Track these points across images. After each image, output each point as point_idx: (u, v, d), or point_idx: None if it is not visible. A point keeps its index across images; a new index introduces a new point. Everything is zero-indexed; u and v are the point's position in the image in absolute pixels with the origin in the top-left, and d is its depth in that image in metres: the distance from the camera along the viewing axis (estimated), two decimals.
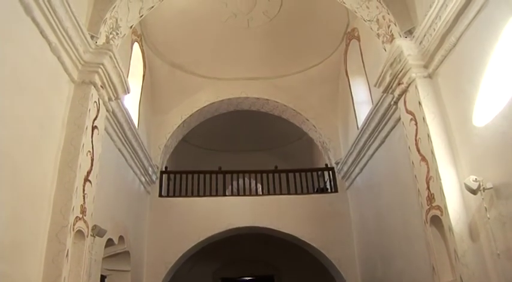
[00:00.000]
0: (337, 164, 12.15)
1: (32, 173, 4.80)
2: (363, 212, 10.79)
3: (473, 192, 4.92)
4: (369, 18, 7.54)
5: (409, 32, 6.70)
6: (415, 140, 6.36)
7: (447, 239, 5.47)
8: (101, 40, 6.55)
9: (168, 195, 12.05)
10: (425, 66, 6.34)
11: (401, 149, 7.40)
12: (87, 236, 5.67)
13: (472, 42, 5.19)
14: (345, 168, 11.56)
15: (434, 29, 5.86)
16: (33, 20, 4.78)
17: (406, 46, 6.44)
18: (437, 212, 5.66)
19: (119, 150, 8.53)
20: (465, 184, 5.00)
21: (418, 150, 6.26)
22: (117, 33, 7.12)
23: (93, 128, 6.11)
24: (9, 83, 4.33)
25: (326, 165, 12.89)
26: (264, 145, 17.40)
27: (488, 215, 4.84)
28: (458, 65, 5.57)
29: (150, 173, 11.02)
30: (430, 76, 6.32)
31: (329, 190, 12.58)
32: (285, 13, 10.80)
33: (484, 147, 5.02)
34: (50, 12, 5.01)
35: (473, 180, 4.88)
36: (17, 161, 4.46)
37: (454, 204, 5.43)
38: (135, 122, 9.76)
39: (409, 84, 6.49)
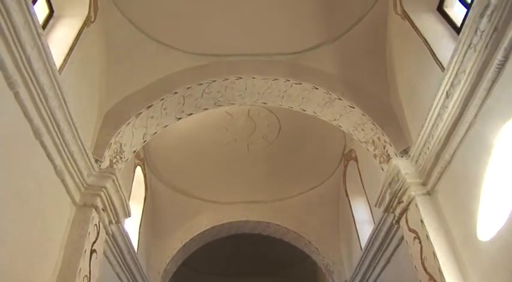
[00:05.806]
0: None
1: None
2: None
3: None
4: (364, 139, 7.82)
5: (405, 152, 6.90)
6: (421, 259, 6.20)
7: None
8: (105, 164, 6.70)
9: None
10: (424, 184, 6.40)
11: (408, 268, 7.14)
12: None
13: (466, 158, 5.31)
14: None
15: (429, 148, 6.04)
16: (42, 143, 4.91)
17: (402, 165, 6.58)
18: None
19: (117, 274, 8.25)
20: None
21: (425, 269, 6.07)
22: (121, 158, 7.31)
23: (92, 251, 5.97)
24: (11, 203, 4.32)
25: None
26: (267, 269, 16.97)
27: None
28: (456, 181, 5.63)
29: None
30: (429, 193, 6.35)
31: None
32: (284, 137, 11.23)
33: (492, 263, 4.86)
34: (58, 137, 5.18)
35: None
36: None
37: None
38: (135, 245, 9.58)
39: (409, 203, 6.50)
